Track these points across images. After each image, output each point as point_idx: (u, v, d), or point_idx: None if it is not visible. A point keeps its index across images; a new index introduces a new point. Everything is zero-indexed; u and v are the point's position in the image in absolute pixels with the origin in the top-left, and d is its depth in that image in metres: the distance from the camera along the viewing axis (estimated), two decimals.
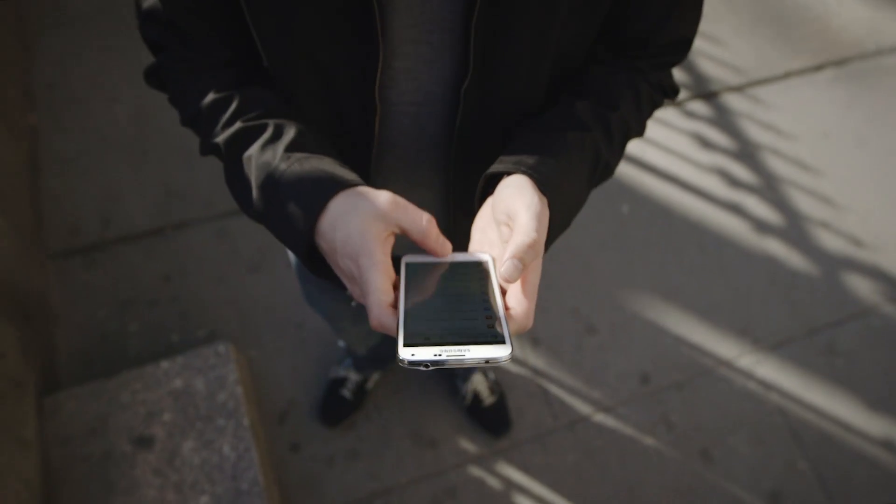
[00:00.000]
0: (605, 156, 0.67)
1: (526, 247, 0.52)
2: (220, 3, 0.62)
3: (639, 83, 0.71)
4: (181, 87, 0.67)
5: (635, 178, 2.27)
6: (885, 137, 2.46)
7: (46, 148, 2.12)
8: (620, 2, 0.65)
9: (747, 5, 2.80)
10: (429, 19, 0.61)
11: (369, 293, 0.50)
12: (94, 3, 2.47)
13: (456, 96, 0.66)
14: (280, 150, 0.59)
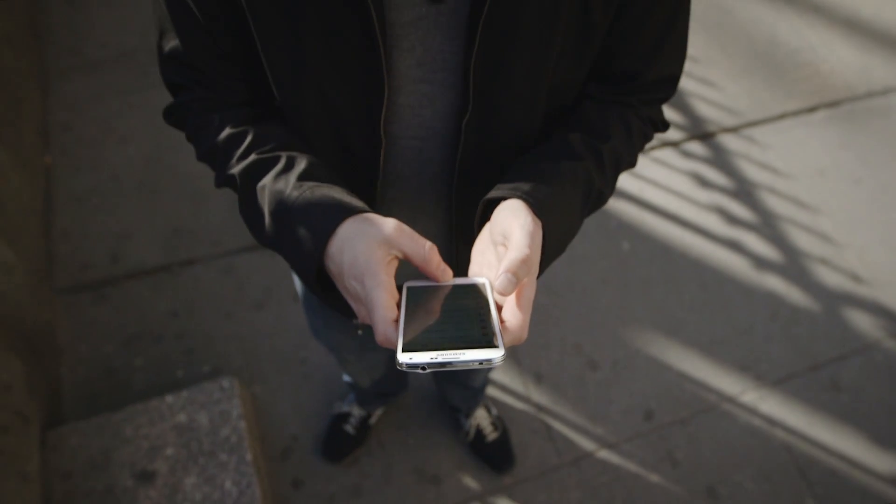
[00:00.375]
0: (597, 184, 0.70)
1: (519, 262, 0.55)
2: (238, 45, 0.67)
3: (629, 117, 0.75)
4: (198, 124, 0.71)
5: (635, 216, 2.31)
6: (879, 175, 2.51)
7: (60, 187, 2.18)
8: (610, 41, 0.69)
9: (739, 51, 2.88)
10: (431, 59, 0.66)
11: (374, 310, 0.53)
12: (109, 51, 2.57)
13: (457, 131, 0.70)
14: (292, 180, 0.63)
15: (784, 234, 2.31)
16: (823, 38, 2.98)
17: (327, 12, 0.60)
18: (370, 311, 0.54)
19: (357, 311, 0.58)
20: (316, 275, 0.60)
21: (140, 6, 2.72)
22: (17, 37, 2.33)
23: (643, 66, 0.72)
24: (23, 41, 2.38)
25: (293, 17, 0.61)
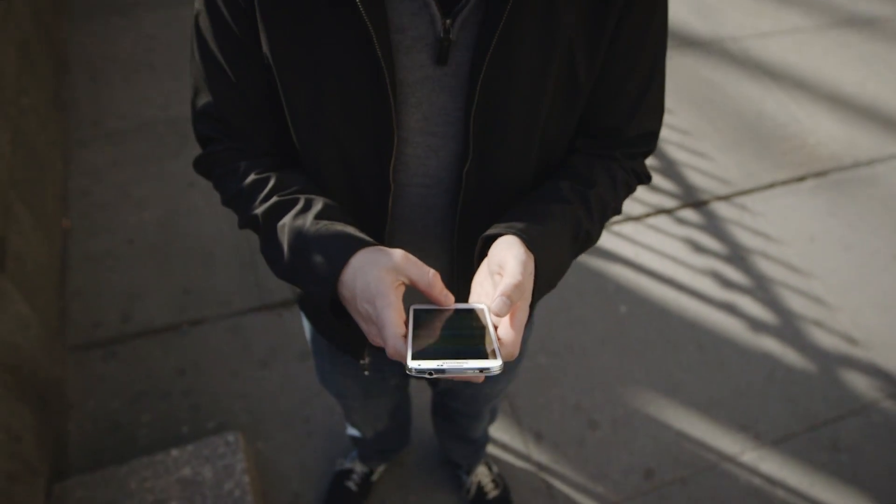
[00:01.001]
0: (585, 226, 0.77)
1: (513, 287, 0.61)
2: (264, 101, 0.76)
3: (614, 169, 0.83)
4: (225, 172, 0.80)
5: (632, 280, 2.38)
6: (868, 241, 2.59)
7: (76, 248, 2.26)
8: (594, 100, 0.78)
9: (729, 124, 3.03)
10: (436, 113, 0.74)
11: (385, 327, 0.60)
12: (129, 122, 2.71)
13: (458, 179, 0.78)
14: (310, 218, 0.70)
15: (778, 298, 2.37)
16: (809, 112, 3.13)
17: (345, 73, 0.69)
18: (381, 328, 0.60)
19: (368, 332, 0.64)
20: (330, 302, 0.67)
21: (158, 82, 2.89)
22: (43, 108, 2.47)
23: (625, 122, 0.81)
24: (48, 113, 2.52)
25: (315, 77, 0.70)
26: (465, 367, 0.56)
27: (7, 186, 1.90)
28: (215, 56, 0.74)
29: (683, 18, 3.63)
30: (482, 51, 0.68)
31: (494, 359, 0.57)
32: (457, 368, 0.56)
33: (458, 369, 0.56)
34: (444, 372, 0.56)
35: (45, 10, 2.81)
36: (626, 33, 0.74)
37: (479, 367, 0.56)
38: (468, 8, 0.68)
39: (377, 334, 0.62)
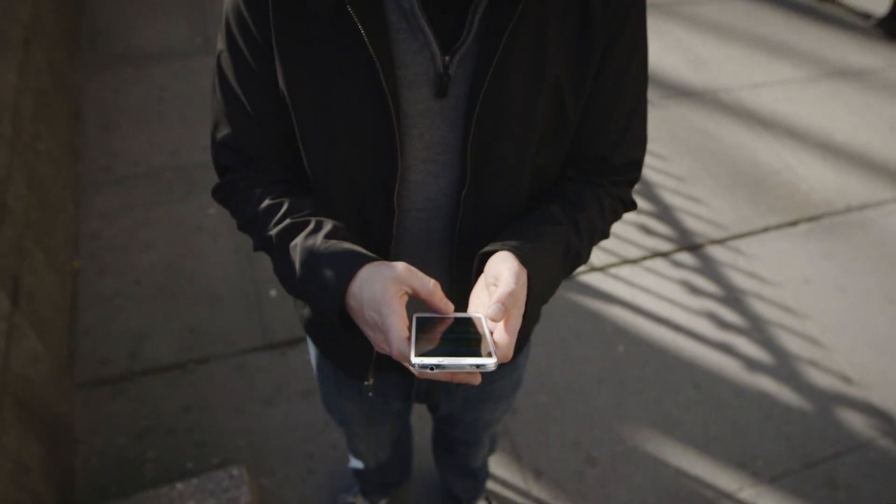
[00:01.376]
0: (575, 245, 0.83)
1: (507, 295, 0.67)
2: (279, 133, 0.83)
3: (601, 195, 0.89)
4: (242, 198, 0.86)
5: (630, 321, 2.42)
6: (862, 283, 2.63)
7: (86, 288, 2.31)
8: (582, 132, 0.85)
9: (723, 171, 3.11)
10: (436, 143, 0.81)
11: (390, 331, 0.65)
12: (139, 168, 2.80)
13: (456, 204, 0.84)
14: (320, 237, 0.76)
15: (773, 338, 2.40)
16: (801, 159, 3.22)
17: (354, 105, 0.76)
18: (387, 333, 0.65)
19: (375, 339, 0.69)
20: (339, 313, 0.72)
21: (167, 130, 2.99)
22: (57, 154, 2.56)
23: (610, 152, 0.88)
24: (62, 158, 2.61)
25: (327, 109, 0.77)
26: (462, 363, 0.60)
27: (23, 227, 1.97)
28: (235, 91, 0.81)
29: (678, 70, 3.77)
30: (478, 85, 0.75)
31: (490, 357, 0.61)
32: (455, 364, 0.60)
33: (456, 365, 0.60)
34: (443, 368, 0.60)
35: (61, 62, 2.94)
36: (609, 71, 0.81)
37: (476, 364, 0.60)
38: (465, 46, 0.75)
39: (383, 340, 0.67)
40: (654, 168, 3.09)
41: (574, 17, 0.77)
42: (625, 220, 2.81)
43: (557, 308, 2.43)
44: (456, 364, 0.61)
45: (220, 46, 0.82)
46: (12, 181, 1.96)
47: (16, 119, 2.11)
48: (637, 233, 2.77)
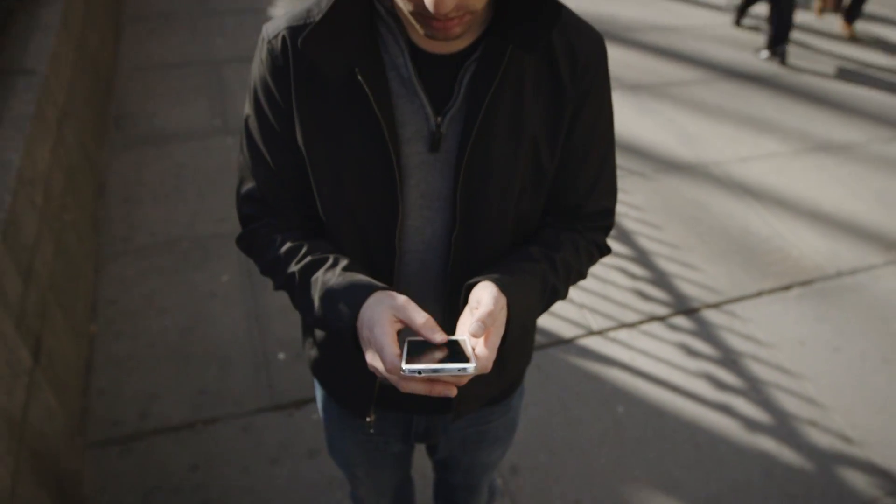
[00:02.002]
0: (551, 280, 0.93)
1: (487, 314, 0.77)
2: (297, 186, 0.96)
3: (577, 238, 1.00)
4: (264, 244, 0.98)
5: (628, 382, 2.47)
6: (856, 344, 2.69)
7: (101, 351, 2.40)
8: (557, 182, 0.97)
9: (715, 239, 3.23)
10: (431, 192, 0.92)
11: (383, 348, 0.75)
12: (157, 238, 2.94)
13: (448, 245, 0.95)
14: (338, 271, 0.88)
15: (771, 399, 2.44)
16: (791, 227, 3.34)
17: (361, 159, 0.88)
18: (379, 350, 0.75)
19: (370, 359, 0.79)
20: (352, 335, 0.82)
21: (185, 203, 3.15)
22: (81, 225, 2.71)
23: (584, 201, 0.99)
24: (84, 229, 2.75)
25: (338, 162, 0.89)
26: (446, 367, 0.69)
27: (46, 290, 2.08)
28: (260, 149, 0.94)
29: (670, 146, 3.95)
30: (465, 141, 0.87)
31: (470, 363, 0.70)
32: (439, 368, 0.69)
33: (440, 369, 0.69)
34: (430, 371, 0.69)
35: (89, 141, 3.14)
36: (579, 129, 0.93)
37: (458, 368, 0.69)
38: (454, 108, 0.88)
39: (377, 357, 0.77)
40: (648, 237, 3.20)
41: (546, 84, 0.90)
42: (621, 286, 2.90)
43: (557, 370, 2.49)
44: (440, 368, 0.69)
45: (248, 111, 0.95)
46: (40, 248, 2.09)
47: (47, 191, 2.26)
48: (634, 298, 2.85)
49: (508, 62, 0.86)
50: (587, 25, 0.93)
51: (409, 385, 0.73)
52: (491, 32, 0.87)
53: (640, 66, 4.86)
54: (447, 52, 0.88)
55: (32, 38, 2.72)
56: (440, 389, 0.73)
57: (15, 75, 2.45)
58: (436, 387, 0.73)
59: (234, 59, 4.49)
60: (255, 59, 0.93)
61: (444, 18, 0.75)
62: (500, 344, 0.82)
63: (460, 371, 0.70)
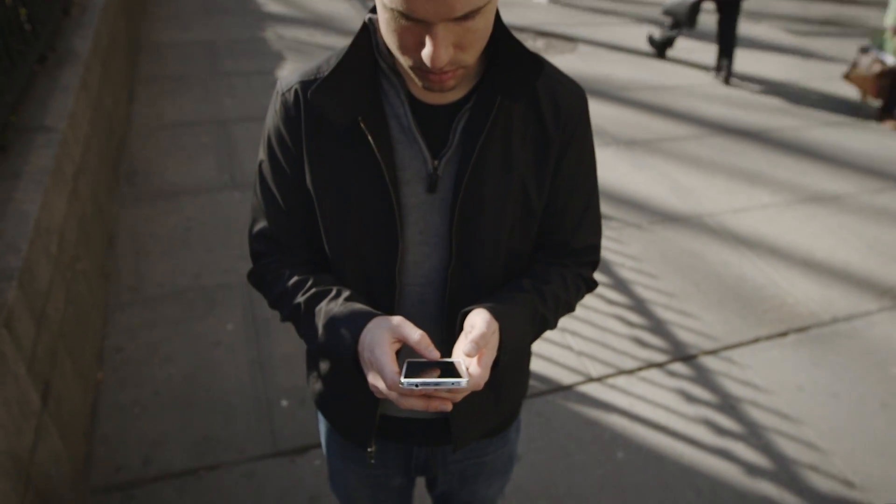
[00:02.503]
0: (540, 310, 1.00)
1: (480, 336, 0.83)
2: (306, 225, 1.03)
3: (565, 273, 1.07)
4: (273, 278, 1.05)
5: (628, 428, 2.49)
6: (854, 389, 2.71)
7: (107, 398, 2.44)
8: (546, 220, 1.05)
9: (711, 287, 3.29)
10: (428, 229, 1.00)
11: (383, 367, 0.81)
12: (164, 289, 3.01)
13: (445, 279, 1.02)
14: (340, 301, 0.95)
15: (771, 444, 2.46)
16: (785, 276, 3.41)
17: (364, 199, 0.96)
18: (380, 369, 0.81)
19: (372, 379, 0.84)
20: (353, 359, 0.88)
21: (193, 255, 3.24)
22: (91, 275, 2.78)
23: (570, 237, 1.06)
24: (94, 279, 2.83)
25: (343, 202, 0.97)
26: (441, 382, 0.75)
27: (57, 337, 2.14)
28: (272, 191, 1.02)
29: (664, 199, 4.06)
30: (459, 182, 0.95)
31: (462, 378, 0.76)
32: (434, 382, 0.75)
33: (435, 382, 0.75)
34: (426, 385, 0.75)
35: (101, 195, 3.25)
36: (564, 173, 1.02)
37: (452, 382, 0.75)
38: (450, 152, 0.96)
39: (378, 377, 0.83)
40: (645, 286, 3.27)
41: (533, 131, 0.99)
42: (620, 334, 2.95)
43: (557, 417, 2.51)
44: (434, 382, 0.75)
45: (262, 157, 1.04)
46: (52, 295, 2.16)
47: (61, 241, 2.34)
48: (632, 345, 2.89)
49: (497, 111, 0.95)
50: (569, 79, 1.03)
51: (408, 401, 0.79)
52: (482, 85, 0.96)
53: (634, 123, 5.03)
54: (443, 103, 0.97)
55: (53, 97, 2.86)
56: (437, 405, 0.78)
57: (36, 132, 2.57)
58: (432, 402, 0.78)
59: (243, 118, 4.66)
60: (269, 110, 1.03)
61: (440, 72, 0.84)
62: (492, 367, 0.88)
63: (454, 384, 0.75)
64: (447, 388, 0.76)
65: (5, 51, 2.60)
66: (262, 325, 2.84)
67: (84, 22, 3.84)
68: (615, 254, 3.50)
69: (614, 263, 3.43)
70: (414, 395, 0.78)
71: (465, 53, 0.84)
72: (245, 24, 6.57)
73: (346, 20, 6.82)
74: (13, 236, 2.01)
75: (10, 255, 1.94)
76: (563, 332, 2.93)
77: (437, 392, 0.77)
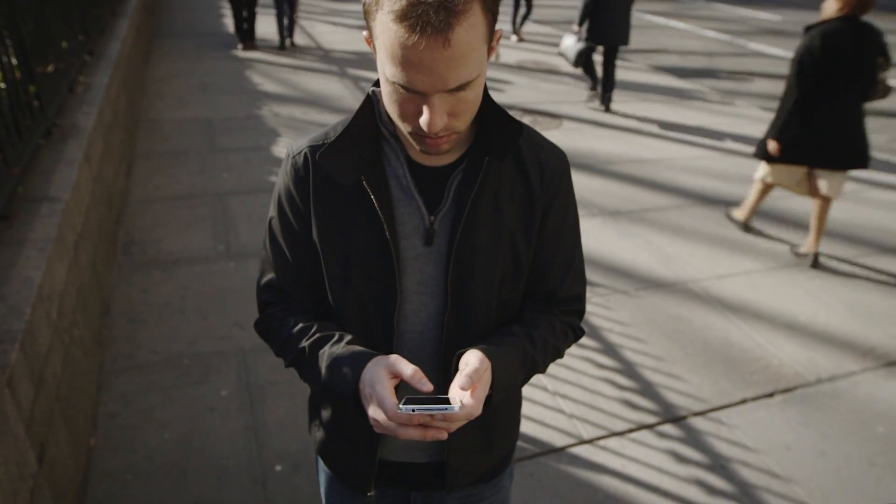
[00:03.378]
0: (530, 353, 1.07)
1: (473, 371, 0.91)
2: (311, 277, 1.12)
3: (553, 320, 1.15)
4: (280, 325, 1.12)
5: (620, 489, 2.50)
6: (842, 448, 2.75)
7: (99, 464, 2.43)
8: (533, 272, 1.14)
9: (698, 350, 3.36)
10: (425, 280, 1.08)
11: (383, 400, 0.88)
12: (159, 356, 3.04)
13: (441, 326, 1.09)
14: (342, 344, 1.02)
15: (762, 502, 2.47)
16: (769, 339, 3.49)
17: (366, 251, 1.05)
18: (380, 401, 0.88)
19: (373, 413, 0.91)
20: (354, 395, 0.94)
21: (187, 323, 3.28)
22: (88, 341, 2.81)
23: (557, 287, 1.15)
24: (89, 345, 2.86)
25: (346, 254, 1.06)
26: (433, 408, 0.82)
27: (54, 401, 2.16)
28: (280, 245, 1.11)
29: (650, 266, 4.18)
30: (453, 237, 1.05)
31: (454, 404, 0.83)
32: (428, 407, 0.82)
33: (428, 408, 0.82)
34: (422, 410, 0.82)
35: (99, 263, 3.32)
36: (549, 228, 1.11)
37: (445, 407, 0.82)
38: (444, 208, 1.06)
39: (378, 410, 0.89)
40: (633, 349, 3.33)
41: (520, 188, 1.09)
42: (610, 396, 2.99)
43: (550, 478, 2.52)
44: (428, 407, 0.82)
45: (272, 214, 1.13)
46: (51, 359, 2.20)
47: (61, 307, 2.40)
48: (622, 407, 2.93)
49: (486, 171, 1.05)
50: (551, 143, 1.14)
51: (406, 430, 0.85)
52: (472, 149, 1.06)
53: (618, 195, 5.21)
54: (438, 165, 1.07)
55: (57, 170, 2.97)
56: (433, 433, 0.85)
57: (41, 202, 2.66)
58: (429, 431, 0.85)
59: (239, 191, 4.80)
60: (280, 171, 1.13)
61: (435, 136, 0.95)
62: (485, 404, 0.94)
63: (447, 409, 0.82)
64: (441, 414, 0.83)
65: (14, 126, 2.73)
66: (257, 391, 2.86)
67: (88, 99, 4.02)
68: (604, 319, 3.58)
69: (603, 329, 3.50)
70: (412, 423, 0.85)
71: (458, 120, 0.95)
72: (241, 102, 6.83)
73: (340, 99, 7.11)
74: (17, 300, 2.07)
75: (13, 318, 1.99)
76: (555, 395, 2.97)
77: (433, 422, 0.84)
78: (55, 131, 3.36)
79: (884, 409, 3.01)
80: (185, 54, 8.71)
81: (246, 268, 3.81)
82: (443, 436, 0.86)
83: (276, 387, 2.89)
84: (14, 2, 2.99)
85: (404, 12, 0.82)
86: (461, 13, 0.83)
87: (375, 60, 0.95)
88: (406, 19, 0.83)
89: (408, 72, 0.87)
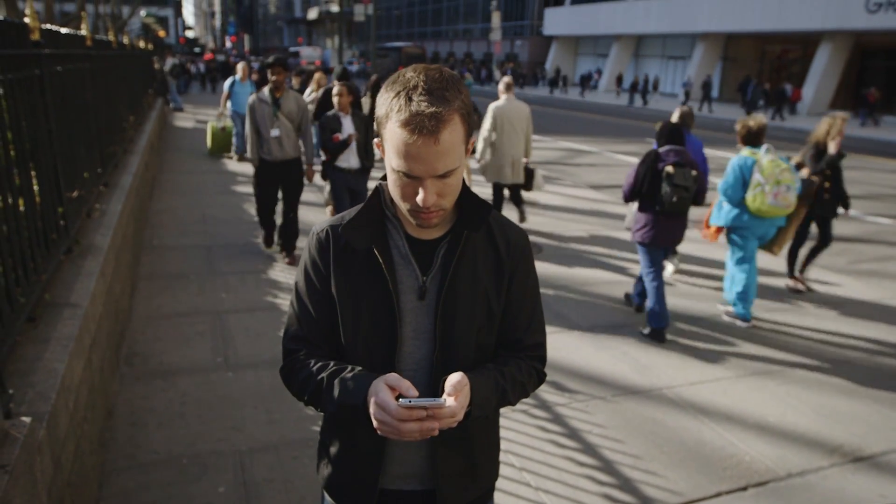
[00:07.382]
0: (501, 383, 1.34)
1: (457, 381, 1.18)
2: (330, 326, 1.39)
3: (520, 363, 1.43)
4: (301, 366, 1.38)
5: None
6: None
7: None
8: (504, 323, 1.43)
9: (673, 449, 3.53)
10: (419, 327, 1.36)
11: (386, 403, 1.14)
12: (159, 456, 3.17)
13: (432, 364, 1.36)
14: (354, 372, 1.28)
15: None
16: (741, 438, 3.67)
17: (373, 304, 1.34)
18: (384, 406, 1.13)
19: (380, 416, 1.16)
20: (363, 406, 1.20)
21: (186, 426, 3.43)
22: (93, 440, 2.96)
23: (522, 335, 1.44)
24: (92, 447, 3.00)
25: (357, 306, 1.35)
26: (426, 400, 1.08)
27: (66, 486, 2.31)
28: (305, 302, 1.40)
29: (626, 375, 4.41)
30: (440, 293, 1.34)
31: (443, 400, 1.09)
32: (421, 400, 1.07)
33: (422, 400, 1.07)
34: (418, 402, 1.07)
35: (105, 369, 3.51)
36: (515, 286, 1.42)
37: (435, 400, 1.08)
38: (433, 271, 1.36)
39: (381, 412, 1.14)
40: (611, 449, 3.50)
41: (491, 257, 1.40)
42: (591, 492, 3.12)
43: None
44: (423, 400, 1.08)
45: (298, 278, 1.43)
46: (66, 445, 2.37)
47: (76, 400, 2.59)
48: (603, 502, 3.06)
49: (465, 243, 1.37)
50: (515, 224, 1.47)
51: (406, 426, 1.10)
52: (454, 227, 1.39)
53: (595, 311, 5.53)
54: (429, 238, 1.39)
55: (78, 280, 3.26)
56: (427, 425, 1.10)
57: (63, 307, 2.92)
58: (424, 423, 1.10)
59: (237, 309, 5.06)
60: (305, 246, 1.44)
61: (428, 211, 1.27)
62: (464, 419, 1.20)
63: (437, 402, 1.08)
64: (433, 408, 1.08)
65: (45, 240, 3.05)
66: (253, 487, 2.98)
67: (104, 223, 4.39)
68: (583, 423, 3.76)
69: (582, 430, 3.67)
70: (411, 418, 1.10)
71: (445, 199, 1.27)
72: (239, 231, 7.26)
73: None
74: (44, 388, 2.28)
75: (40, 402, 2.20)
76: (538, 490, 3.11)
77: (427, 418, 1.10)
78: (75, 248, 3.68)
79: (853, 502, 3.16)
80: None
81: (244, 377, 4.00)
82: (434, 429, 1.11)
83: (273, 484, 3.01)
84: (52, 139, 3.42)
85: (407, 121, 1.18)
86: (447, 122, 1.19)
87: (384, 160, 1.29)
88: (408, 125, 1.18)
89: (408, 162, 1.20)
